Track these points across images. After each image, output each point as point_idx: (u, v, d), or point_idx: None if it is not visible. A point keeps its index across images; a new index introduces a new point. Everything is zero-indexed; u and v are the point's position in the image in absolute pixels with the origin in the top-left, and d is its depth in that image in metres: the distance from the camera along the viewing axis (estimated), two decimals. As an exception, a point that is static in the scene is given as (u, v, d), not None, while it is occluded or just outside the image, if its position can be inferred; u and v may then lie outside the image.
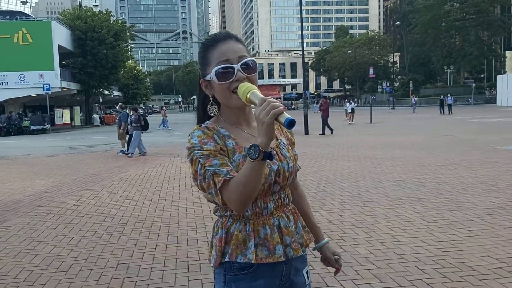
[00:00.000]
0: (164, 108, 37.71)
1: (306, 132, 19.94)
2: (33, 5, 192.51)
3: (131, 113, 14.38)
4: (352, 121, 26.93)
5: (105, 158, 13.57)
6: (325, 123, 19.71)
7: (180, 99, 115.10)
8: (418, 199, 6.59)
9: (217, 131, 1.49)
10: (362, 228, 5.22)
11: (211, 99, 1.55)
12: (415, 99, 45.29)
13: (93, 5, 48.32)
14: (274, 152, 1.49)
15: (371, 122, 26.21)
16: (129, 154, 13.62)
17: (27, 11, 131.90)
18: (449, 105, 33.69)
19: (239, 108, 1.51)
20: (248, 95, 1.40)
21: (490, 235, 4.79)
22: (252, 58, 1.50)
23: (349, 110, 27.70)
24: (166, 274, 4.05)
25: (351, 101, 32.02)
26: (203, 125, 1.51)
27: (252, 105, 1.48)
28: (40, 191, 8.47)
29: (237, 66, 1.46)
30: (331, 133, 19.56)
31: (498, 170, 8.75)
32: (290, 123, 1.27)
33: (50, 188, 8.74)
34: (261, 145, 1.29)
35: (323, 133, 19.48)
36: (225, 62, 1.46)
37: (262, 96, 1.36)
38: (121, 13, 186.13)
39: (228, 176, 1.38)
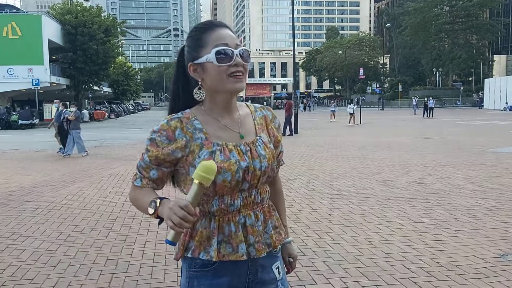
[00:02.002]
0: None
1: (296, 132, 19.99)
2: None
3: (63, 109, 13.30)
4: (354, 122, 25.92)
5: (94, 154, 13.49)
6: (287, 122, 19.48)
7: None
8: (406, 199, 6.66)
9: (190, 122, 1.46)
10: (350, 227, 5.26)
11: (199, 83, 1.48)
12: (416, 100, 43.61)
13: (84, 0, 47.91)
14: (247, 148, 1.48)
15: (360, 123, 26.35)
16: (85, 153, 12.86)
17: (17, 4, 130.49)
18: (431, 109, 33.07)
19: (228, 94, 1.48)
20: (199, 180, 1.27)
21: (476, 235, 4.86)
22: (247, 49, 1.49)
23: (351, 111, 26.66)
24: (155, 270, 4.05)
25: (354, 101, 31.18)
26: (178, 114, 1.48)
27: (237, 95, 1.53)
28: (28, 186, 8.40)
29: (236, 51, 1.44)
30: (292, 134, 19.24)
31: (485, 172, 8.87)
32: (167, 242, 1.29)
33: (38, 183, 8.68)
34: (158, 212, 1.35)
35: (291, 134, 19.21)
36: (224, 45, 1.43)
37: (196, 198, 1.29)
38: (112, 8, 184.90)
39: (137, 183, 1.51)
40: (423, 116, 33.16)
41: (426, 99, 37.15)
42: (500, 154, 11.63)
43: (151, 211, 1.36)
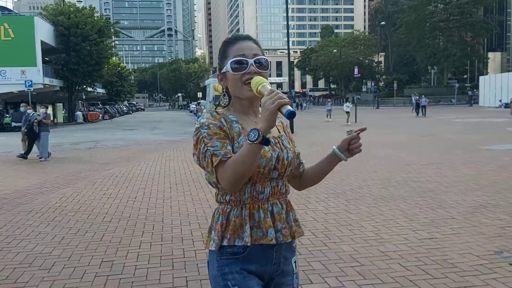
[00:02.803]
0: (200, 105, 38.50)
1: (292, 131, 19.99)
2: (15, 0, 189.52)
3: (31, 113, 12.80)
4: (348, 122, 25.76)
5: (88, 156, 13.44)
6: None
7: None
8: (401, 197, 6.66)
9: (226, 116, 1.65)
10: (346, 225, 5.26)
11: (224, 90, 1.71)
12: (416, 98, 41.69)
13: (77, 1, 47.67)
14: (275, 140, 1.66)
15: (356, 121, 26.37)
16: (42, 159, 12.29)
17: (9, 6, 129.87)
18: (423, 107, 32.31)
19: (248, 100, 1.66)
20: (259, 87, 1.54)
21: (472, 232, 4.86)
22: (266, 58, 1.68)
23: (347, 110, 26.43)
24: (150, 271, 4.03)
25: (350, 100, 30.38)
26: (213, 109, 1.69)
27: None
28: (22, 188, 8.35)
29: (250, 61, 1.63)
30: None
31: (480, 169, 8.89)
32: (290, 114, 1.40)
33: (32, 185, 8.63)
34: (261, 130, 1.42)
35: None
36: (241, 56, 1.64)
37: (269, 89, 1.50)
38: (105, 9, 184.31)
39: (225, 157, 1.53)
40: (416, 114, 32.81)
41: (418, 97, 36.47)
42: (495, 151, 11.66)
43: (255, 136, 1.42)
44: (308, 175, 1.86)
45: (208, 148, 1.55)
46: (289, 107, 1.41)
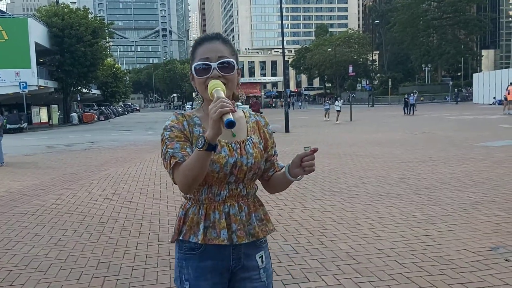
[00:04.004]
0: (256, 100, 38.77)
1: (287, 130, 20.01)
2: (9, 1, 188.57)
3: None
4: (337, 120, 25.77)
5: (84, 157, 13.40)
6: None
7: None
8: (397, 195, 6.68)
9: (191, 118, 1.69)
10: (343, 224, 5.27)
11: (196, 90, 1.73)
12: (415, 95, 41.37)
13: (71, 2, 47.43)
14: (237, 146, 1.67)
15: (351, 120, 26.43)
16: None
17: (3, 7, 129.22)
18: (412, 105, 31.46)
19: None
20: (213, 91, 1.55)
21: (467, 229, 4.88)
22: (232, 60, 1.66)
23: (337, 108, 26.48)
24: (147, 272, 4.02)
25: (338, 99, 29.82)
26: (179, 111, 1.72)
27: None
28: (17, 190, 8.32)
29: (214, 65, 1.64)
30: None
31: (475, 166, 8.93)
32: (229, 124, 1.41)
33: (28, 187, 8.60)
34: (207, 138, 1.45)
35: None
36: (205, 60, 1.65)
37: (222, 95, 1.50)
38: (99, 10, 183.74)
39: (181, 159, 1.57)
40: (404, 113, 31.49)
41: (406, 95, 35.05)
42: (490, 148, 11.71)
43: (201, 143, 1.46)
44: (272, 182, 1.81)
45: (168, 150, 1.61)
46: (229, 116, 1.42)
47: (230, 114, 1.43)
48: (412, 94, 33.45)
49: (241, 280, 1.72)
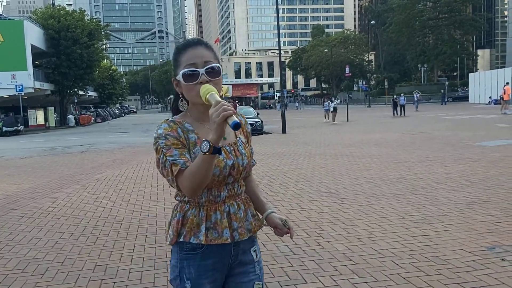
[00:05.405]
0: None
1: (284, 131, 20.02)
2: (4, 3, 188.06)
3: None
4: (334, 120, 25.78)
5: (81, 159, 13.38)
6: None
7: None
8: (394, 195, 6.69)
9: (182, 125, 1.70)
10: (339, 224, 5.28)
11: (180, 96, 1.75)
12: (417, 95, 40.43)
13: (67, 4, 47.49)
14: (231, 148, 1.71)
15: (347, 120, 26.47)
16: None
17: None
18: (402, 106, 30.46)
19: (203, 106, 1.66)
20: (207, 96, 1.58)
21: (464, 229, 4.90)
22: (217, 64, 1.70)
23: (331, 109, 26.39)
24: (144, 274, 4.02)
25: (333, 99, 29.58)
26: (170, 119, 1.73)
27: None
28: (14, 193, 8.29)
29: (201, 70, 1.66)
30: None
31: (471, 166, 8.95)
32: (236, 126, 1.45)
33: (24, 190, 8.57)
34: (211, 141, 1.48)
35: None
36: (191, 66, 1.66)
37: (218, 98, 1.54)
38: (95, 12, 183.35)
39: (183, 166, 1.59)
40: (394, 115, 30.42)
41: (394, 96, 34.17)
42: (486, 147, 11.75)
43: (207, 147, 1.48)
44: (247, 187, 1.87)
45: (168, 158, 1.61)
46: (234, 118, 1.46)
47: (234, 116, 1.46)
48: (402, 95, 32.81)
49: (238, 275, 1.78)
